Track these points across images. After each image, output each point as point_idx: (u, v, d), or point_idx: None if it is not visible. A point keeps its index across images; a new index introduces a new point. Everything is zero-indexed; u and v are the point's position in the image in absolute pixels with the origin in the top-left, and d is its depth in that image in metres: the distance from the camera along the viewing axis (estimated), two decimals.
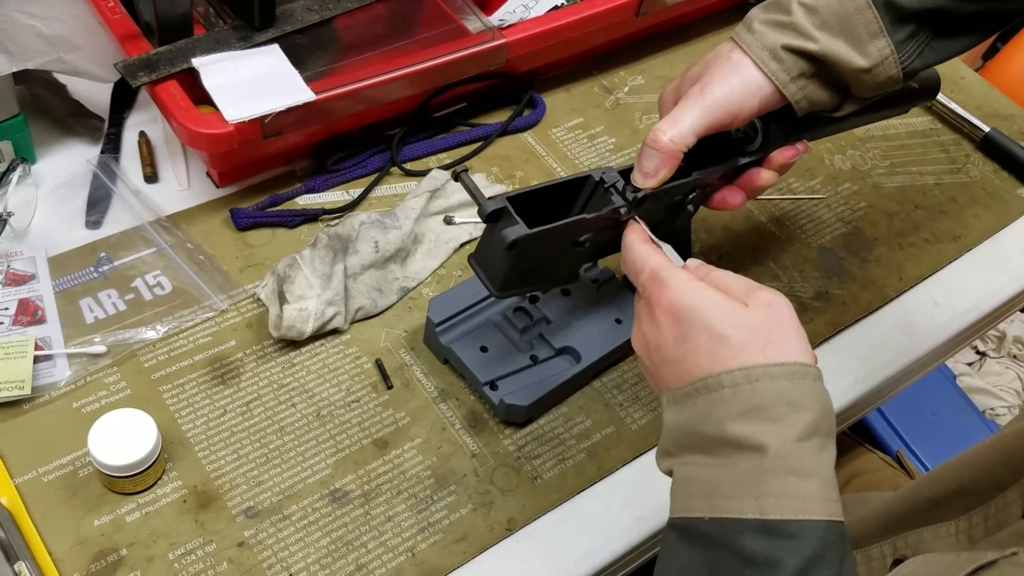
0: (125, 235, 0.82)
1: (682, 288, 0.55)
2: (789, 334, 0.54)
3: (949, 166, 1.02)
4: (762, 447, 0.50)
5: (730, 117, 0.65)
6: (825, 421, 0.52)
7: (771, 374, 0.51)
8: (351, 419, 0.74)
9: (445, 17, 0.91)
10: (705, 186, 0.71)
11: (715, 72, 0.65)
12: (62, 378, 0.72)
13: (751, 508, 0.49)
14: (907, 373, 0.87)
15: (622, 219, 0.64)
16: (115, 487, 0.67)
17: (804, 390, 0.52)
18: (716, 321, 0.53)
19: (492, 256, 0.64)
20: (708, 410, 0.52)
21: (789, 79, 0.64)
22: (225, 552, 0.66)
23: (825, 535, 0.49)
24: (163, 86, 0.78)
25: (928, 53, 0.66)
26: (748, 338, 0.52)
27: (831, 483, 0.51)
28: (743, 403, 0.51)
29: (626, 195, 0.64)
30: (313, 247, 0.78)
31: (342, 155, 0.89)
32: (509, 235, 0.60)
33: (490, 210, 0.61)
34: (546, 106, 0.99)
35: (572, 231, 0.64)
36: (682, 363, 0.54)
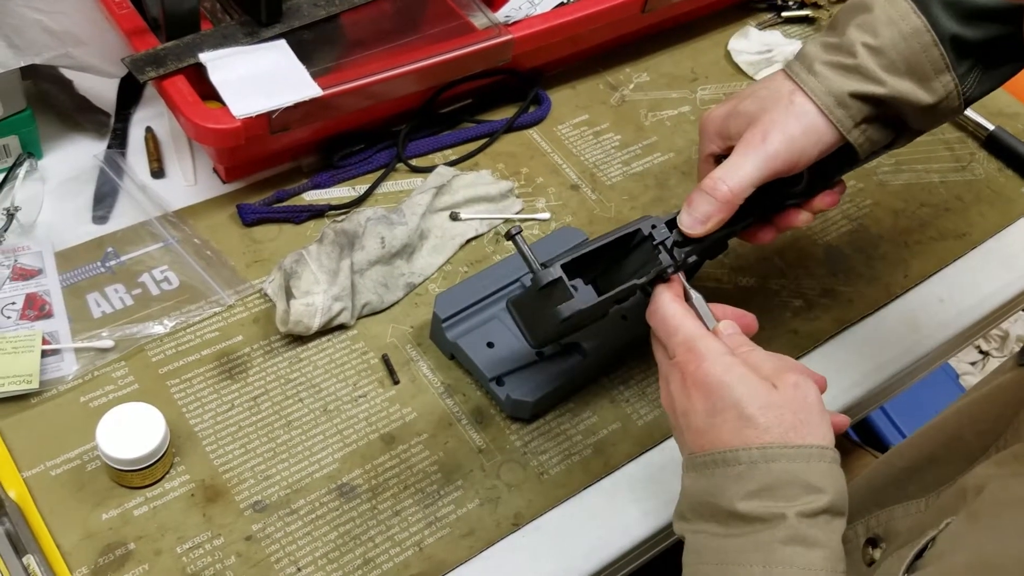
0: (132, 230, 0.82)
1: (716, 363, 0.56)
2: (814, 417, 0.55)
3: (954, 164, 1.02)
4: (775, 519, 0.52)
5: (790, 165, 0.64)
6: (839, 502, 0.54)
7: (789, 455, 0.53)
8: (358, 414, 0.74)
9: (451, 13, 0.91)
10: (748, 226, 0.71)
11: (776, 118, 0.63)
12: (69, 372, 0.72)
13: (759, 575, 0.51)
14: (912, 370, 0.87)
15: (666, 278, 0.63)
16: (123, 481, 0.67)
17: (820, 472, 0.53)
18: (745, 401, 0.55)
19: (538, 316, 0.64)
20: (723, 483, 0.54)
21: (853, 125, 0.64)
22: (233, 546, 0.66)
23: None
24: (170, 81, 0.78)
25: (986, 80, 0.66)
26: (775, 420, 0.54)
27: (838, 555, 0.52)
28: (757, 481, 0.53)
29: (674, 253, 0.64)
30: (320, 243, 0.78)
31: (348, 151, 0.89)
32: (563, 311, 0.61)
33: (545, 282, 0.61)
34: (551, 103, 0.99)
35: (624, 297, 0.64)
36: (707, 434, 0.56)
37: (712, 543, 0.54)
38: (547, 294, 0.62)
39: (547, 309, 0.62)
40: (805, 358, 0.83)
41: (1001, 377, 0.74)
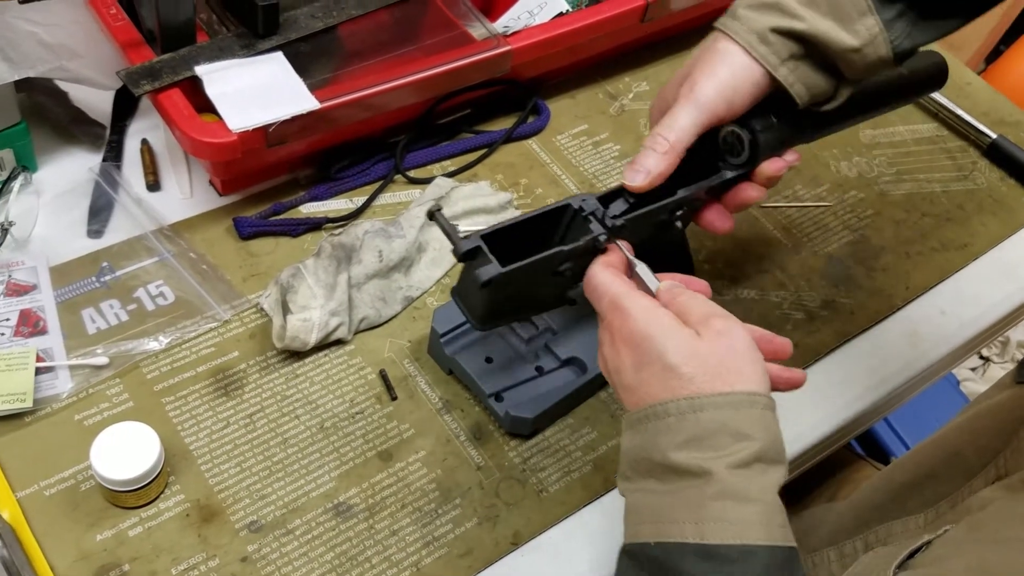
0: (127, 244, 0.81)
1: (639, 316, 0.56)
2: (740, 363, 0.54)
3: (956, 173, 1.02)
4: (704, 473, 0.51)
5: (725, 109, 0.64)
6: (771, 449, 0.53)
7: (716, 403, 0.53)
8: (355, 431, 0.73)
9: (449, 24, 0.90)
10: (692, 202, 0.69)
11: (703, 66, 0.64)
12: (64, 390, 0.71)
13: (692, 533, 0.51)
14: (915, 383, 0.86)
15: (601, 247, 0.63)
16: (117, 501, 0.66)
17: (750, 419, 0.53)
18: (668, 351, 0.54)
19: (471, 292, 0.64)
20: (655, 437, 0.54)
21: (779, 61, 0.63)
22: (228, 567, 0.65)
23: (767, 560, 0.50)
24: (166, 94, 0.78)
25: (917, 34, 0.65)
26: (698, 369, 0.54)
27: (774, 508, 0.52)
28: (687, 432, 0.53)
29: (605, 222, 0.64)
30: (317, 256, 0.77)
31: (346, 163, 0.88)
32: (482, 275, 0.60)
33: (464, 250, 0.60)
34: (551, 113, 0.98)
35: (550, 263, 0.63)
36: (637, 390, 0.56)
37: (648, 501, 0.54)
38: (474, 268, 0.61)
39: (475, 285, 0.61)
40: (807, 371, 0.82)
41: (1000, 394, 0.73)
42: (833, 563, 0.70)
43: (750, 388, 0.54)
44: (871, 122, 1.05)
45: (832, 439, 0.81)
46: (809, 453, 0.79)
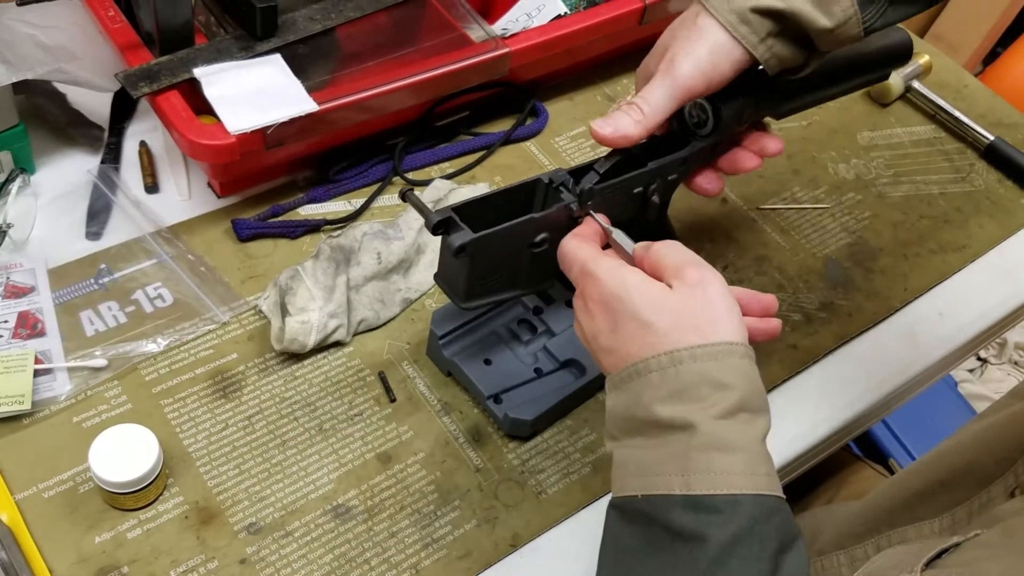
0: (125, 246, 0.81)
1: (607, 278, 0.57)
2: (716, 313, 0.55)
3: (953, 175, 1.02)
4: (688, 425, 0.52)
5: (703, 86, 0.64)
6: (753, 398, 0.53)
7: (694, 356, 0.53)
8: (354, 433, 0.73)
9: (448, 26, 0.90)
10: (667, 175, 0.70)
11: (682, 42, 0.64)
12: (62, 392, 0.71)
13: (678, 484, 0.51)
14: (912, 385, 0.86)
15: (575, 215, 0.65)
16: (116, 503, 0.66)
17: (730, 369, 0.53)
18: (641, 308, 0.55)
19: (450, 268, 0.64)
20: (639, 394, 0.54)
21: (758, 40, 0.64)
22: (227, 569, 0.65)
23: (753, 510, 0.50)
24: (164, 96, 0.78)
25: (890, 13, 0.66)
26: (673, 322, 0.54)
27: (759, 458, 0.52)
28: (669, 386, 0.53)
29: (574, 190, 0.65)
30: (315, 258, 0.77)
31: (344, 165, 0.89)
32: (455, 241, 0.60)
33: (435, 221, 0.61)
34: (549, 115, 0.98)
35: (524, 232, 0.64)
36: (616, 351, 0.56)
37: (635, 455, 0.54)
38: (446, 242, 0.62)
39: (450, 256, 0.62)
40: (805, 373, 0.82)
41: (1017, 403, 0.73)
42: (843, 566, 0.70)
43: (727, 338, 0.54)
44: (869, 124, 1.05)
45: (831, 440, 0.81)
46: (808, 454, 0.79)
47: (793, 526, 0.53)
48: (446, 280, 0.66)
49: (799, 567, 0.51)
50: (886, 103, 1.08)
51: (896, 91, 1.07)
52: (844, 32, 0.65)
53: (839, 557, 0.72)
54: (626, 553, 0.54)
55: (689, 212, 0.93)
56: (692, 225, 0.92)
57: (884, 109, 1.07)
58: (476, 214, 0.62)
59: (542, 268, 0.68)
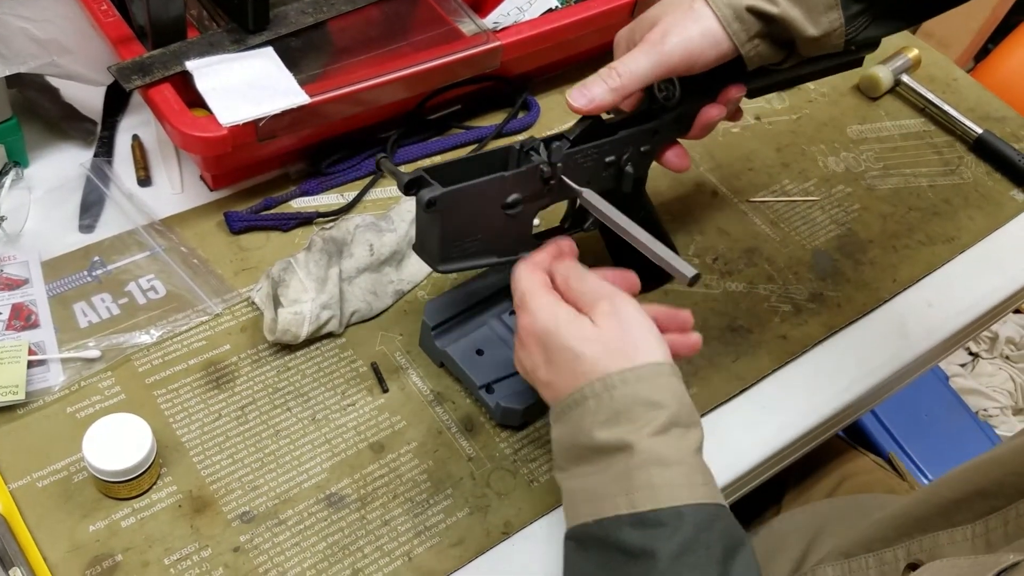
0: (118, 239, 0.81)
1: (541, 313, 0.60)
2: (636, 337, 0.58)
3: (942, 168, 1.03)
4: (626, 446, 0.55)
5: (687, 65, 0.66)
6: (683, 413, 0.57)
7: (625, 379, 0.57)
8: (347, 423, 0.73)
9: (439, 20, 0.91)
10: (639, 145, 0.72)
11: (676, 19, 0.66)
12: (56, 383, 0.71)
13: (624, 504, 0.54)
14: (902, 375, 0.87)
15: (545, 176, 0.66)
16: (110, 492, 0.66)
17: (659, 388, 0.57)
18: (570, 341, 0.59)
19: (424, 232, 0.65)
20: (579, 422, 0.58)
21: (747, 38, 0.66)
22: (221, 557, 0.65)
23: (696, 519, 0.53)
24: (157, 89, 0.78)
25: (872, 28, 0.69)
26: (600, 351, 0.58)
27: (696, 469, 0.56)
28: (605, 411, 0.56)
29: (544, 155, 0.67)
30: (308, 250, 0.78)
31: (336, 158, 0.89)
32: (425, 195, 0.62)
33: (407, 179, 0.62)
34: (540, 109, 0.99)
35: (495, 192, 0.65)
36: (553, 383, 0.60)
37: (583, 484, 0.57)
38: (419, 198, 0.63)
39: (422, 214, 0.63)
40: (794, 363, 0.83)
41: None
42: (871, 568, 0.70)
43: (651, 359, 0.58)
44: (858, 117, 1.06)
45: (821, 429, 0.82)
46: (798, 443, 0.80)
47: (737, 531, 0.56)
48: (422, 246, 0.67)
49: (747, 570, 0.54)
50: (875, 97, 1.08)
51: (885, 85, 1.07)
52: (827, 41, 0.67)
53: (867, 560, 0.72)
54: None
55: (680, 204, 0.93)
56: (684, 217, 0.92)
57: (874, 103, 1.08)
58: (449, 178, 0.63)
59: (517, 233, 0.69)
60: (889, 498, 0.98)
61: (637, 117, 0.72)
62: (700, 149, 0.99)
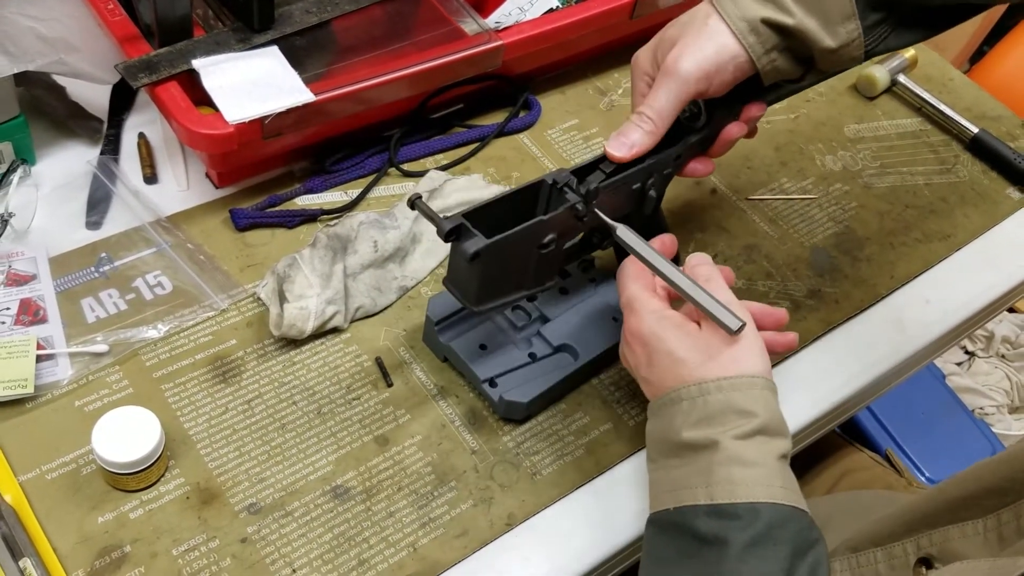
0: (125, 235, 0.82)
1: (648, 319, 0.64)
2: (739, 351, 0.62)
3: (939, 167, 1.04)
4: (712, 443, 0.59)
5: (705, 86, 0.67)
6: (772, 423, 0.61)
7: (720, 387, 0.60)
8: (352, 416, 0.74)
9: (442, 20, 0.92)
10: (663, 170, 0.73)
11: (690, 40, 0.67)
12: (64, 377, 0.72)
13: (703, 495, 0.58)
14: (899, 370, 0.88)
15: (581, 215, 0.67)
16: (118, 484, 0.67)
17: (752, 399, 0.60)
18: (674, 345, 0.63)
19: (461, 273, 0.65)
20: (671, 420, 0.62)
21: (763, 52, 0.67)
22: (228, 548, 0.66)
23: (771, 516, 0.56)
24: (163, 87, 0.79)
25: (891, 39, 0.69)
26: (703, 357, 0.62)
27: (776, 472, 0.59)
28: (697, 413, 0.60)
29: (579, 190, 0.67)
30: (312, 247, 0.79)
31: (340, 156, 0.90)
32: (469, 248, 0.62)
33: (448, 229, 0.62)
34: (541, 108, 1.00)
35: (533, 234, 0.66)
36: (652, 382, 0.64)
37: (668, 475, 0.61)
38: (459, 248, 0.63)
39: (463, 262, 0.63)
40: (792, 359, 0.84)
41: None
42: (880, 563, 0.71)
43: (750, 371, 0.61)
44: (856, 117, 1.07)
45: (819, 424, 0.83)
46: (797, 437, 0.81)
47: (812, 533, 0.58)
48: (456, 285, 0.67)
49: (814, 570, 0.56)
50: (872, 96, 1.10)
51: (882, 85, 1.09)
52: (846, 53, 0.67)
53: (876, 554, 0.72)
54: (661, 563, 0.61)
55: (681, 203, 0.94)
56: (684, 216, 0.93)
57: (871, 102, 1.09)
58: (483, 218, 0.64)
59: (548, 268, 0.70)
60: (891, 495, 0.99)
61: (662, 142, 0.71)
62: None
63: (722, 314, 0.62)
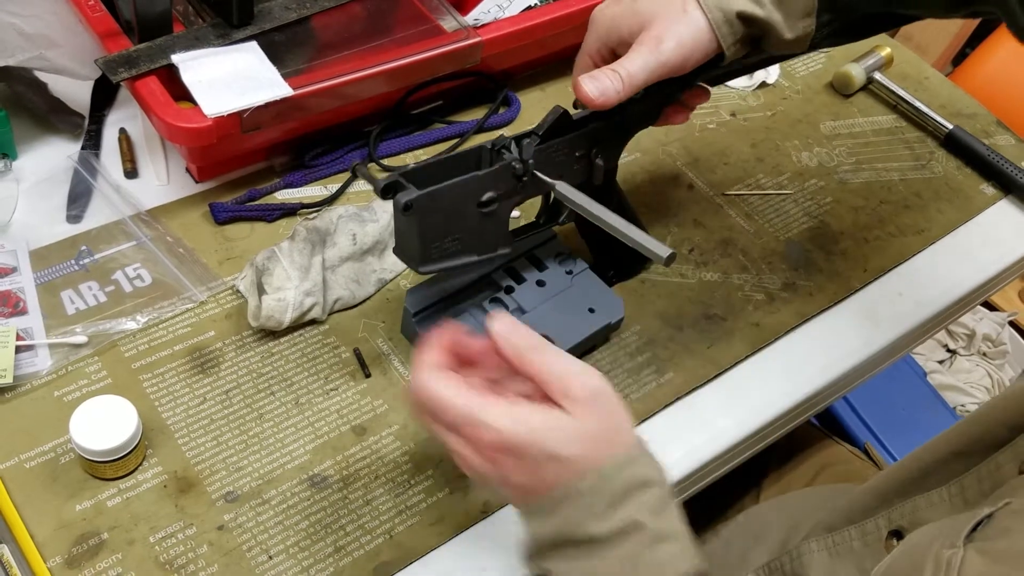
0: (105, 229, 0.83)
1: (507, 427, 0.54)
2: (617, 420, 0.56)
3: (914, 163, 1.05)
4: (636, 526, 0.54)
5: (677, 69, 0.69)
6: (667, 483, 0.57)
7: (619, 466, 0.54)
8: (329, 407, 0.75)
9: (421, 17, 0.93)
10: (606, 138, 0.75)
11: (670, 24, 0.68)
12: (44, 367, 0.73)
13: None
14: (873, 361, 0.89)
15: (518, 173, 0.69)
16: (96, 472, 0.68)
17: (646, 465, 0.56)
18: (555, 447, 0.54)
19: (403, 233, 0.67)
20: (573, 516, 0.54)
21: (732, 42, 0.69)
22: (205, 535, 0.67)
23: None
24: (143, 82, 0.80)
25: (833, 39, 0.73)
26: (588, 445, 0.54)
27: (687, 534, 0.56)
28: (604, 501, 0.54)
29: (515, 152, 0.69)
30: (292, 240, 0.79)
31: (320, 151, 0.91)
32: (402, 198, 0.63)
33: (383, 185, 0.63)
34: (521, 104, 1.01)
35: (470, 190, 0.67)
36: (536, 487, 0.55)
37: (580, 566, 0.55)
38: (396, 201, 0.64)
39: (400, 217, 0.64)
40: (767, 349, 0.85)
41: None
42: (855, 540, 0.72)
43: (633, 438, 0.57)
44: (831, 114, 1.08)
45: (793, 413, 0.84)
46: (772, 426, 0.82)
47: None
48: (402, 248, 0.69)
49: None
50: (848, 94, 1.11)
51: (858, 82, 1.10)
52: (797, 45, 0.71)
53: (850, 531, 0.73)
54: None
55: (657, 197, 0.95)
56: (660, 210, 0.94)
57: (847, 100, 1.11)
58: (424, 180, 0.65)
59: (494, 230, 0.71)
60: None
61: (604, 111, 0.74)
62: (677, 144, 1.01)
63: (655, 245, 0.65)
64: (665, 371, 0.81)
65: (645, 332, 0.84)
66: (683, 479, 0.77)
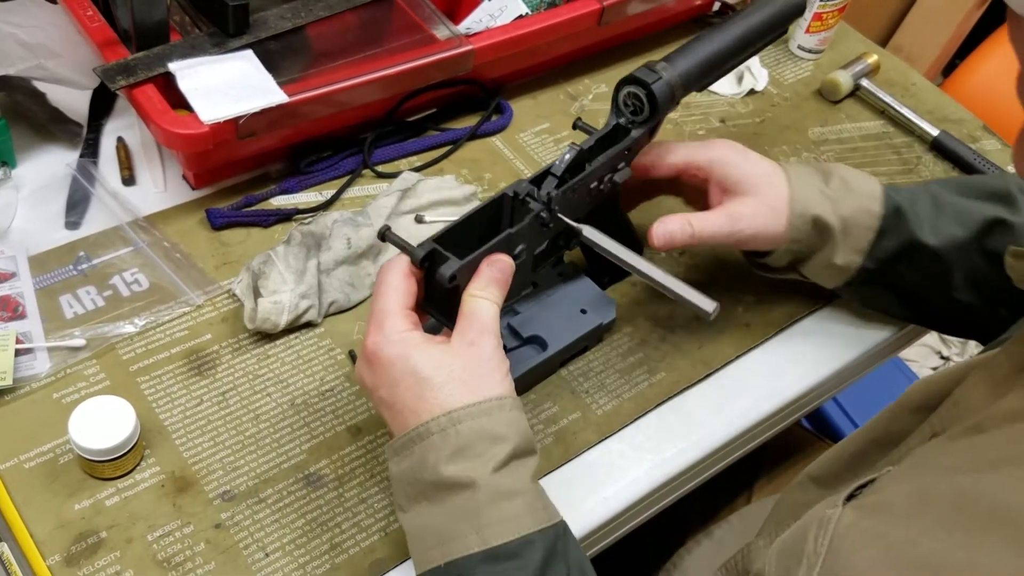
0: (103, 235, 0.84)
1: (394, 338, 0.60)
2: (485, 371, 0.60)
3: (901, 167, 1.06)
4: (471, 483, 0.56)
5: (733, 240, 0.77)
6: (523, 443, 0.59)
7: (471, 414, 0.58)
8: (325, 407, 0.76)
9: (414, 26, 0.94)
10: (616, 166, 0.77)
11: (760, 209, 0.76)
12: (43, 370, 0.74)
13: (476, 541, 0.55)
14: (863, 361, 0.90)
15: (546, 222, 0.69)
16: (95, 472, 0.68)
17: (502, 422, 0.58)
18: (420, 365, 0.59)
19: (440, 297, 0.66)
20: (424, 457, 0.58)
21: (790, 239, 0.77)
22: (202, 533, 0.68)
23: (544, 543, 0.56)
24: (140, 89, 0.81)
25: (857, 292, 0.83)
26: (448, 378, 0.58)
27: (535, 495, 0.58)
28: (451, 445, 0.57)
29: (540, 199, 0.69)
30: (287, 244, 0.81)
31: (315, 158, 0.92)
32: (446, 272, 0.63)
33: (421, 256, 0.63)
34: (513, 112, 1.02)
35: (502, 248, 0.67)
36: (395, 405, 0.60)
37: (429, 524, 0.58)
38: (436, 271, 0.64)
39: (442, 287, 0.64)
40: (757, 349, 0.86)
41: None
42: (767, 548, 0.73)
43: (496, 393, 0.59)
44: (819, 120, 1.10)
45: (784, 412, 0.85)
46: (762, 425, 0.83)
47: (569, 536, 0.59)
48: (438, 308, 0.67)
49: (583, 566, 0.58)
50: (836, 100, 1.12)
51: (846, 89, 1.12)
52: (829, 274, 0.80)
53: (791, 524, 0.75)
54: None
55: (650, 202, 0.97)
56: (650, 213, 0.95)
57: (834, 106, 1.12)
58: (453, 240, 0.65)
59: (522, 276, 0.71)
60: None
61: (609, 136, 0.76)
62: None
63: (696, 298, 0.65)
64: (657, 371, 0.82)
65: (637, 333, 0.85)
66: (674, 477, 0.78)
